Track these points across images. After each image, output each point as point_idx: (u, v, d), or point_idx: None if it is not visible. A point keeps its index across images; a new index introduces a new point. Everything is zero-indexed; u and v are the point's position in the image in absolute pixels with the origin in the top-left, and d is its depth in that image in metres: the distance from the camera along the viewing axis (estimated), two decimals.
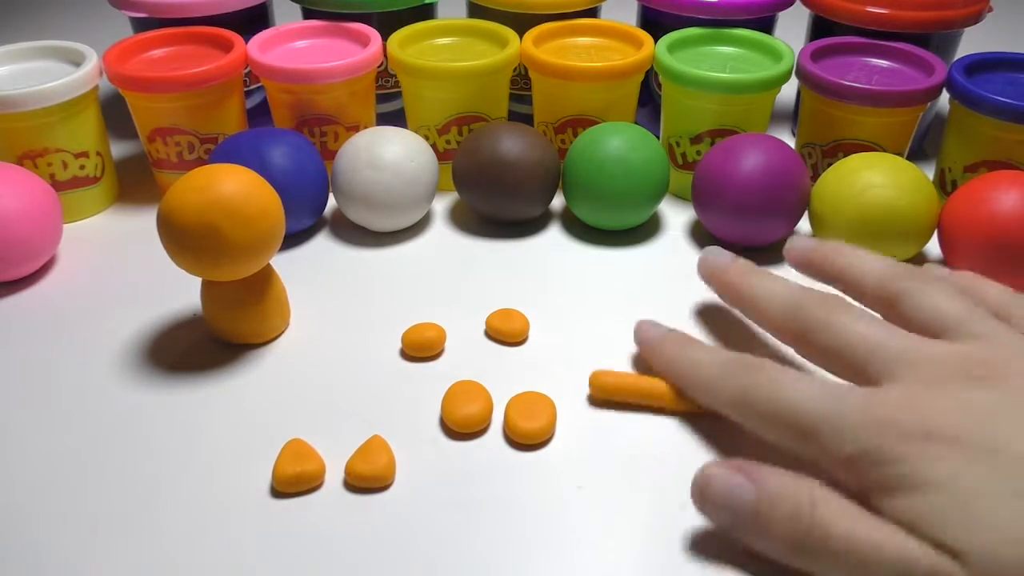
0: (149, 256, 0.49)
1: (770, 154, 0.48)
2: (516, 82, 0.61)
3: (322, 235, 0.53)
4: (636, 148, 0.49)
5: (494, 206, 0.52)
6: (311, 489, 0.35)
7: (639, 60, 0.54)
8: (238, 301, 0.42)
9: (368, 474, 0.35)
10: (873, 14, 0.56)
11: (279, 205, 0.40)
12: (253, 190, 0.38)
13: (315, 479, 0.35)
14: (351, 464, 0.36)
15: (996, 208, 0.44)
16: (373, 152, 0.49)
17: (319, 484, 0.36)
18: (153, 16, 0.58)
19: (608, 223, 0.52)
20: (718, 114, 0.53)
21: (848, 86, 0.51)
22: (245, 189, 0.38)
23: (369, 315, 0.46)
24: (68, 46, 0.55)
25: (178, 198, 0.38)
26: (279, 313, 0.44)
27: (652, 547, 0.33)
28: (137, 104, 0.53)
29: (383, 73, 0.61)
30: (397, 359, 0.43)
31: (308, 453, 0.36)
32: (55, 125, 0.51)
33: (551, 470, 0.37)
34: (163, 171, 0.56)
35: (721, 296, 0.43)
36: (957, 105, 0.52)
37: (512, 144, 0.50)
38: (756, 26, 0.58)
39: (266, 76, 0.54)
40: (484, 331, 0.45)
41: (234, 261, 0.38)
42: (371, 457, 0.36)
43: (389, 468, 0.36)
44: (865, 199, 0.46)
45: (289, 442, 0.37)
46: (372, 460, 0.36)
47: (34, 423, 0.39)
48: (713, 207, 0.49)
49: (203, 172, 0.38)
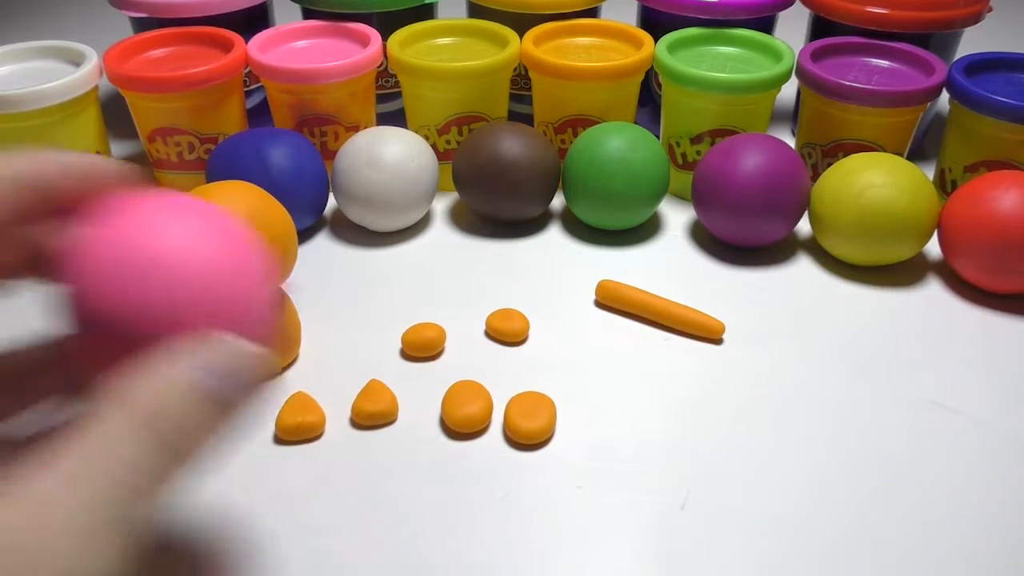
0: None
1: (770, 154, 0.48)
2: (516, 82, 0.61)
3: (322, 235, 0.53)
4: (636, 148, 0.49)
5: (494, 206, 0.51)
6: None
7: (639, 60, 0.54)
8: None
9: (375, 411, 0.38)
10: (873, 14, 0.56)
11: (291, 224, 0.39)
12: (264, 211, 0.38)
13: None
14: (358, 404, 0.38)
15: (996, 208, 0.44)
16: (373, 152, 0.49)
17: None
18: (153, 16, 0.58)
19: (608, 223, 0.52)
20: (718, 114, 0.53)
21: (848, 86, 0.51)
22: (257, 212, 0.37)
23: (369, 315, 0.46)
24: (68, 46, 0.55)
25: None
26: (286, 350, 0.42)
27: (652, 547, 0.33)
28: (137, 104, 0.53)
29: (383, 73, 0.61)
30: (397, 359, 0.43)
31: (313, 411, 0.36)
32: (55, 125, 0.51)
33: (551, 470, 0.37)
34: (163, 171, 0.56)
35: None
36: (957, 105, 0.52)
37: (512, 144, 0.50)
38: (756, 26, 0.58)
39: (266, 76, 0.54)
40: (484, 331, 0.45)
41: None
42: (376, 397, 0.38)
43: (393, 404, 0.39)
44: (865, 199, 0.46)
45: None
46: (377, 400, 0.38)
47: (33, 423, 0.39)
48: (713, 207, 0.49)
49: (211, 194, 0.37)
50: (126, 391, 0.21)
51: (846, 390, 0.41)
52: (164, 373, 0.21)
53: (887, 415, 0.40)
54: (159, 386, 0.21)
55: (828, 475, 0.37)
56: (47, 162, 0.24)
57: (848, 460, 0.37)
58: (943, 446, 0.38)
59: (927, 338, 0.45)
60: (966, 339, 0.45)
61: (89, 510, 0.19)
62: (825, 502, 0.35)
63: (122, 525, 0.20)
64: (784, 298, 0.48)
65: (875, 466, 0.37)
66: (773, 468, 0.37)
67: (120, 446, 0.20)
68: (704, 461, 0.37)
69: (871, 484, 0.36)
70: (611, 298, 0.46)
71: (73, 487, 0.19)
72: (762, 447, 0.38)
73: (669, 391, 0.41)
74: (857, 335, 0.45)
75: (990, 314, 0.46)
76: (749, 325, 0.45)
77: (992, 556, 0.33)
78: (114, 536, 0.19)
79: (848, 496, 0.36)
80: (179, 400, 0.21)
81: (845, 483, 0.36)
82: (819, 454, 0.38)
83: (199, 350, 0.22)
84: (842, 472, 0.37)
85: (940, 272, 0.50)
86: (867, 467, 0.37)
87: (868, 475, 0.37)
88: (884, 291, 0.48)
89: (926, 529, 0.34)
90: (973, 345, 0.44)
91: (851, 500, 0.35)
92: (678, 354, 0.43)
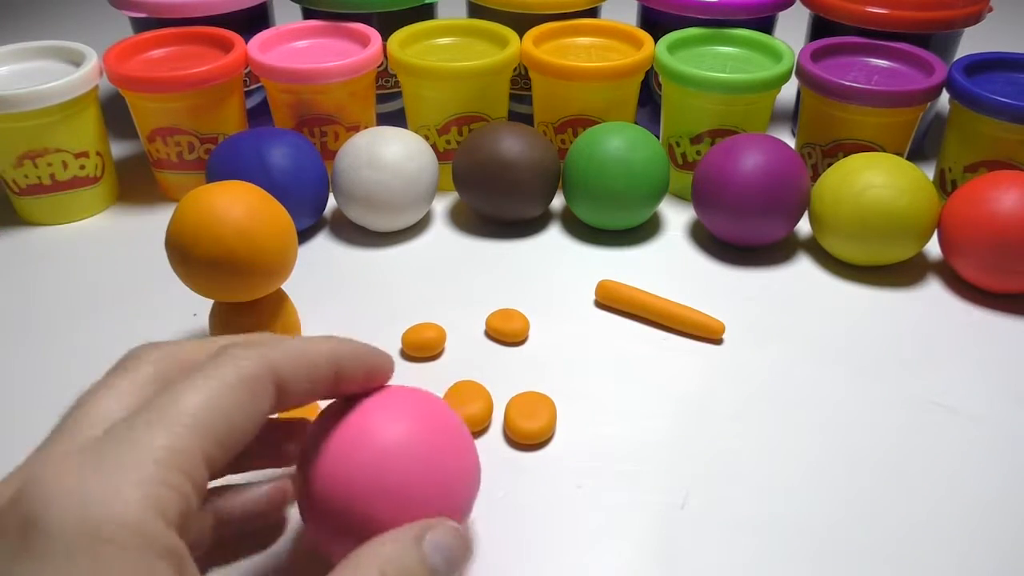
0: (149, 256, 0.49)
1: (770, 154, 0.48)
2: (516, 82, 0.61)
3: (322, 235, 0.53)
4: (636, 148, 0.49)
5: (494, 206, 0.52)
6: None
7: (639, 60, 0.54)
8: (247, 331, 0.40)
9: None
10: (873, 14, 0.56)
11: (290, 224, 0.39)
12: (265, 211, 0.38)
13: None
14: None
15: (996, 208, 0.44)
16: (373, 152, 0.49)
17: None
18: (153, 16, 0.58)
19: (608, 223, 0.52)
20: (718, 114, 0.53)
21: (848, 86, 0.51)
22: (257, 211, 0.37)
23: (369, 315, 0.46)
24: (68, 46, 0.55)
25: (189, 222, 0.36)
26: None
27: (652, 547, 0.33)
28: (137, 104, 0.53)
29: (383, 73, 0.61)
30: (397, 359, 0.43)
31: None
32: (55, 125, 0.51)
33: (551, 470, 0.37)
34: (163, 171, 0.56)
35: None
36: (957, 105, 0.52)
37: (512, 144, 0.50)
38: (756, 26, 0.58)
39: (266, 76, 0.54)
40: (484, 331, 0.45)
41: (246, 283, 0.38)
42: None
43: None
44: (865, 199, 0.46)
45: None
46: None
47: (34, 423, 0.39)
48: (713, 207, 0.49)
49: (211, 193, 0.37)
50: (377, 546, 0.24)
51: (846, 390, 0.41)
52: (407, 541, 0.24)
53: (887, 415, 0.40)
54: (403, 552, 0.24)
55: (827, 474, 0.37)
56: (348, 348, 0.27)
57: (847, 459, 0.37)
58: (942, 446, 0.38)
59: (927, 338, 0.45)
60: (966, 339, 0.45)
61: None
62: (824, 501, 0.35)
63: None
64: (784, 298, 0.48)
65: (875, 465, 0.37)
66: (773, 467, 0.37)
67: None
68: (704, 461, 0.37)
69: (870, 483, 0.36)
70: (611, 298, 0.46)
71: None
72: (762, 447, 0.38)
73: (669, 391, 0.41)
74: (857, 335, 0.45)
75: (990, 314, 0.46)
76: (749, 325, 0.45)
77: (991, 555, 0.33)
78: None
79: (847, 495, 0.36)
80: (415, 567, 0.24)
81: (845, 482, 0.36)
82: (818, 453, 0.38)
83: (434, 528, 0.25)
84: (842, 471, 0.37)
85: (940, 272, 0.50)
86: (867, 466, 0.37)
87: (867, 474, 0.37)
88: (884, 291, 0.48)
89: (925, 528, 0.34)
90: (973, 345, 0.44)
91: (850, 499, 0.35)
92: (678, 354, 0.43)
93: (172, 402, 0.21)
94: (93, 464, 0.20)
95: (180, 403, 0.21)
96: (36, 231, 0.54)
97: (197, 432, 0.21)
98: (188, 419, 0.21)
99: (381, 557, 0.24)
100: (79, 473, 0.20)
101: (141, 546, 0.19)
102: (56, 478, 0.19)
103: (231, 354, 0.23)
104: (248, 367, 0.23)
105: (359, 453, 0.26)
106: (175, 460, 0.20)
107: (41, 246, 0.53)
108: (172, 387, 0.22)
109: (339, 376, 0.26)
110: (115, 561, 0.19)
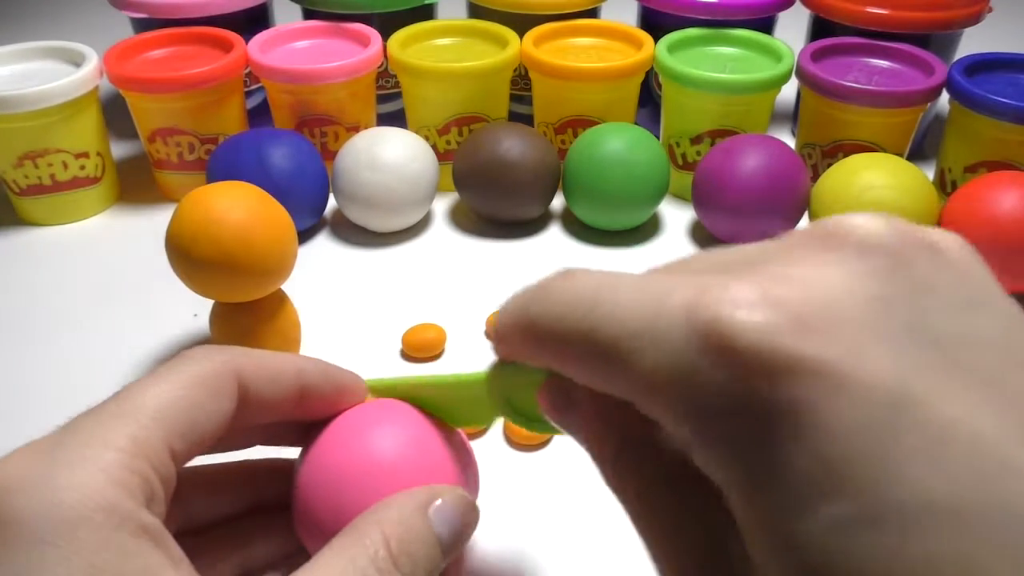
0: (149, 256, 0.49)
1: (770, 154, 0.48)
2: (516, 82, 0.61)
3: (322, 235, 0.53)
4: (636, 149, 0.49)
5: (494, 206, 0.52)
6: None
7: (639, 60, 0.54)
8: (247, 331, 0.41)
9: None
10: (873, 14, 0.56)
11: (290, 224, 0.39)
12: (265, 211, 0.38)
13: None
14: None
15: (996, 208, 0.44)
16: (373, 153, 0.49)
17: None
18: (153, 16, 0.58)
19: (608, 223, 0.52)
20: (718, 114, 0.53)
21: (848, 86, 0.51)
22: (257, 212, 0.37)
23: (369, 315, 0.46)
24: (68, 46, 0.55)
25: (189, 222, 0.36)
26: (285, 351, 0.41)
27: None
28: (137, 104, 0.53)
29: (383, 73, 0.61)
30: (397, 359, 0.43)
31: None
32: (55, 125, 0.51)
33: (551, 470, 0.37)
34: (163, 171, 0.56)
35: None
36: (957, 105, 0.52)
37: (512, 144, 0.50)
38: (756, 26, 0.58)
39: (266, 76, 0.54)
40: (484, 331, 0.45)
41: (246, 284, 0.38)
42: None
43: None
44: (865, 200, 0.46)
45: None
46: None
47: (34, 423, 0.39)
48: (713, 207, 0.49)
49: (211, 194, 0.37)
50: (382, 510, 0.23)
51: None
52: (412, 508, 0.24)
53: None
54: (408, 517, 0.23)
55: None
56: (315, 365, 0.27)
57: None
58: None
59: None
60: None
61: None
62: None
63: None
64: None
65: None
66: None
67: (360, 560, 0.22)
68: None
69: None
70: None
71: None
72: None
73: None
74: None
75: None
76: None
77: None
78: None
79: None
80: (420, 533, 0.23)
81: None
82: None
83: (441, 494, 0.25)
84: None
85: None
86: None
87: None
88: None
89: None
90: None
91: None
92: None
93: (135, 395, 0.22)
94: (56, 453, 0.20)
95: (143, 396, 0.22)
96: (36, 231, 0.54)
97: (160, 424, 0.22)
98: (150, 411, 0.22)
99: (384, 523, 0.23)
100: (43, 461, 0.20)
101: (115, 525, 0.19)
102: (18, 468, 0.20)
103: (195, 353, 0.24)
104: (210, 366, 0.24)
105: (350, 459, 0.26)
106: (138, 449, 0.21)
107: (41, 246, 0.53)
108: (137, 382, 0.23)
109: (305, 390, 0.26)
110: (90, 541, 0.19)
